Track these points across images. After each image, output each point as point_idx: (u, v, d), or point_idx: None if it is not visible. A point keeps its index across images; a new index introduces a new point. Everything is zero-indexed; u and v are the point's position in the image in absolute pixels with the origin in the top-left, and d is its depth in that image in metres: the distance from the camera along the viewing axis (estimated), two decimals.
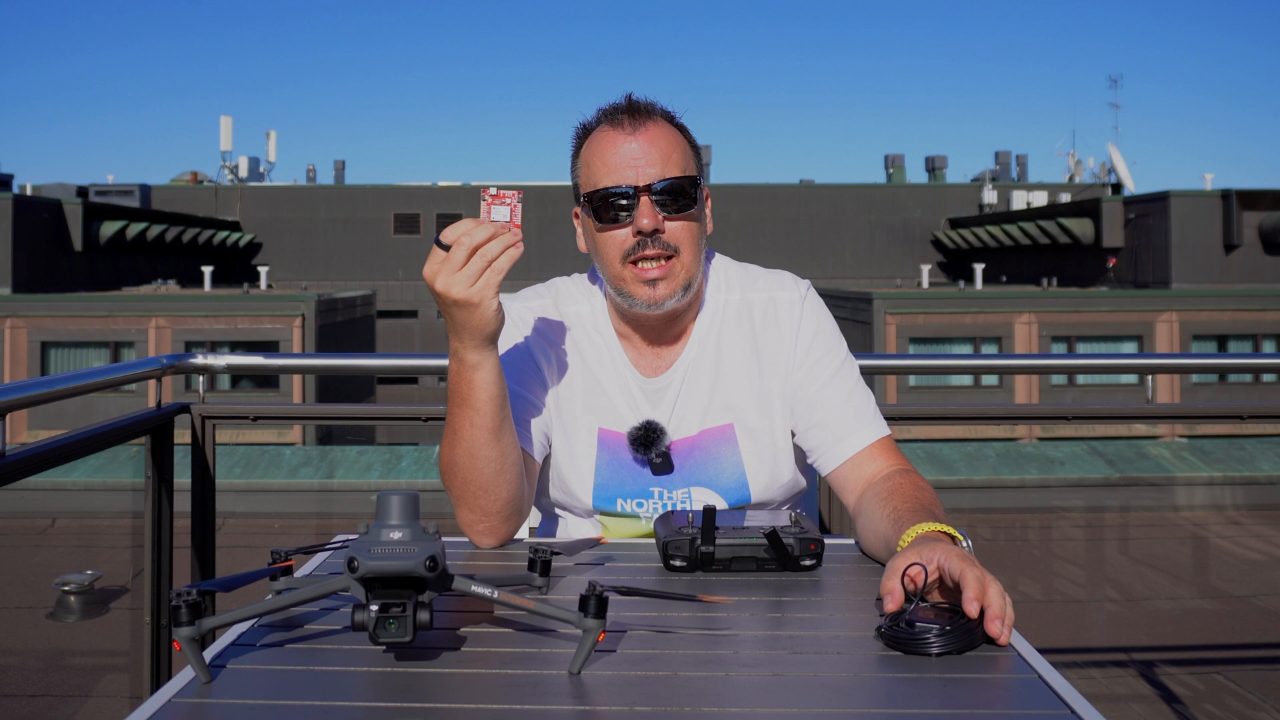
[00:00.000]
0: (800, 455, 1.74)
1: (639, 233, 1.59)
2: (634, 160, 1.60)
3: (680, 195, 1.60)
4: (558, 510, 1.76)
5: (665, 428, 1.67)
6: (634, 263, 1.62)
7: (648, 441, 1.65)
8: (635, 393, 1.69)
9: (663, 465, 1.67)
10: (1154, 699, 3.98)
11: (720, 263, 1.77)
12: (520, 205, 1.41)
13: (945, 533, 1.35)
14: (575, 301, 1.75)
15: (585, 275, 1.78)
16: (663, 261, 1.61)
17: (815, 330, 1.70)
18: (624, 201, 1.60)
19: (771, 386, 1.69)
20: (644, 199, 1.59)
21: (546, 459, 1.73)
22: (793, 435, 1.71)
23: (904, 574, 1.22)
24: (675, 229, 1.61)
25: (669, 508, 1.67)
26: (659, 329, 1.70)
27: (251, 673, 1.10)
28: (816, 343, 1.70)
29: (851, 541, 1.63)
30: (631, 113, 1.63)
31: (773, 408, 1.69)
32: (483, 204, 1.41)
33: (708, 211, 1.70)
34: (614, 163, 1.61)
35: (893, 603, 1.20)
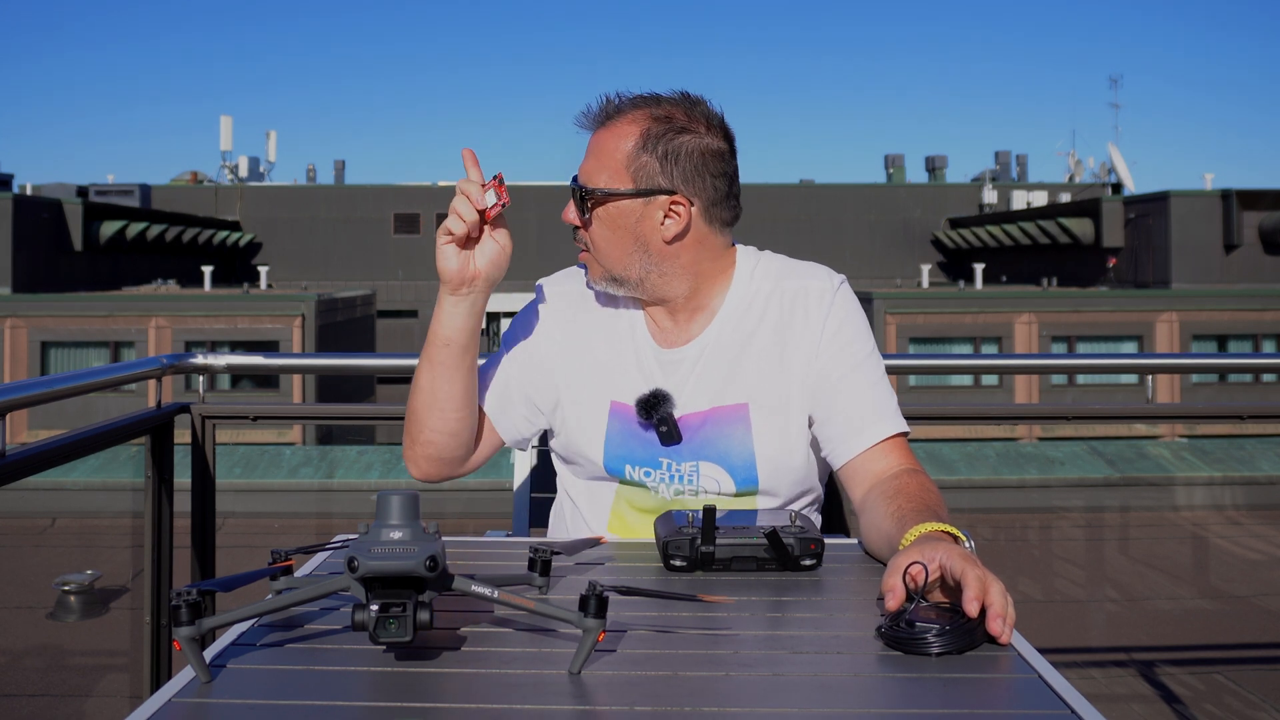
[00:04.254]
0: (820, 462, 1.75)
1: None
2: (583, 159, 1.71)
3: (579, 201, 1.69)
4: (570, 489, 1.81)
5: (672, 396, 1.69)
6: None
7: (651, 405, 1.69)
8: (651, 364, 1.73)
9: (669, 435, 1.69)
10: (1154, 699, 3.98)
11: (755, 255, 1.80)
12: (498, 191, 1.59)
13: (948, 533, 1.35)
14: None
15: None
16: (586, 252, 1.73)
17: (843, 321, 1.72)
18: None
19: (793, 372, 1.70)
20: (572, 197, 1.70)
21: (547, 456, 1.76)
22: (810, 425, 1.71)
23: (905, 572, 1.22)
24: (588, 231, 1.70)
25: (677, 480, 1.70)
26: (678, 305, 1.74)
27: (251, 673, 1.10)
28: (843, 333, 1.71)
29: (853, 541, 1.63)
30: (595, 111, 1.71)
31: (791, 393, 1.70)
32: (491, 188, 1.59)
33: (668, 221, 1.67)
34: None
35: (893, 600, 1.20)
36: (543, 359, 1.77)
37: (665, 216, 1.68)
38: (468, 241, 1.60)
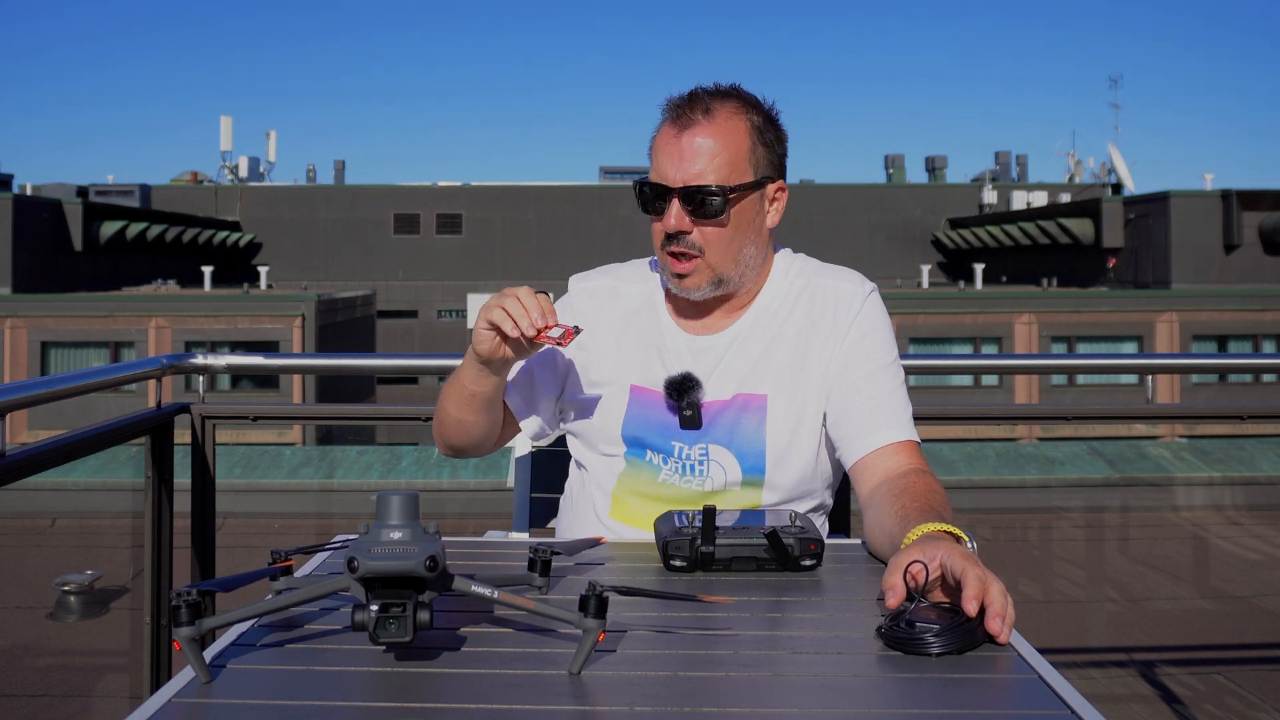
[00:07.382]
0: (830, 467, 1.75)
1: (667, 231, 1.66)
2: (677, 159, 1.64)
3: (707, 203, 1.63)
4: (578, 471, 1.83)
5: (702, 382, 1.70)
6: (670, 253, 1.68)
7: (682, 388, 1.70)
8: (682, 350, 1.74)
9: (692, 419, 1.70)
10: (1154, 699, 3.98)
11: (792, 255, 1.81)
12: (565, 339, 1.53)
13: (950, 533, 1.35)
14: (633, 280, 1.83)
15: (652, 257, 1.83)
16: (687, 260, 1.67)
17: (871, 326, 1.73)
18: (660, 200, 1.66)
19: (813, 368, 1.71)
20: (675, 201, 1.64)
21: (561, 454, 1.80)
22: (825, 423, 1.71)
23: (906, 570, 1.22)
24: (703, 232, 1.65)
25: (686, 469, 1.70)
26: (713, 305, 1.75)
27: (251, 673, 1.10)
28: (868, 338, 1.72)
29: (854, 541, 1.63)
30: (685, 108, 1.66)
31: (809, 389, 1.71)
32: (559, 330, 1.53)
33: (773, 207, 1.72)
34: (662, 157, 1.67)
35: (894, 597, 1.20)
36: (565, 357, 1.79)
37: (770, 202, 1.71)
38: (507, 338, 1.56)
